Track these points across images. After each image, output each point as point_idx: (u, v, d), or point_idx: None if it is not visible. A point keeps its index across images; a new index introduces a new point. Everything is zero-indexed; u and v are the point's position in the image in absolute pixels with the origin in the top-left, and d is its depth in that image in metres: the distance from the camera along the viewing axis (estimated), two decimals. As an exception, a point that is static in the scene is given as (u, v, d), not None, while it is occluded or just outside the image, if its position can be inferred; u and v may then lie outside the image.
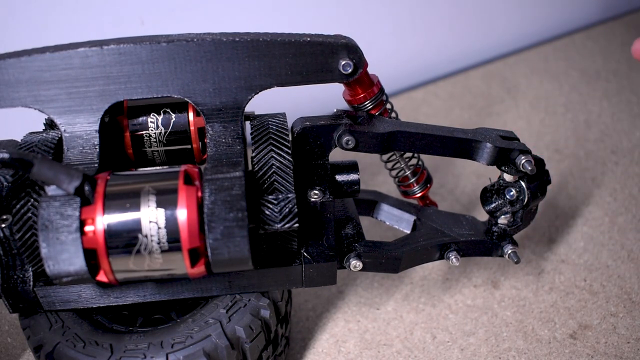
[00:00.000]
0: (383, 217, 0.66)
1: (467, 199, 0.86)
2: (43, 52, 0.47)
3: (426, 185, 0.65)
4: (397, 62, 1.17)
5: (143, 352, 0.49)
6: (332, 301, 0.71)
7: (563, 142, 0.97)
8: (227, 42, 0.49)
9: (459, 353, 0.65)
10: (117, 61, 0.48)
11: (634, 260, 0.75)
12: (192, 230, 0.43)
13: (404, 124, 0.56)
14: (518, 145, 0.56)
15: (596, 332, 0.66)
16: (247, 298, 0.54)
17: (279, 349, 0.58)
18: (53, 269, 0.42)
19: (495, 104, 1.08)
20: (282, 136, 0.51)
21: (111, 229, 0.43)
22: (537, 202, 0.60)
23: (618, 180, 0.88)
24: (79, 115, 0.49)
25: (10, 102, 0.48)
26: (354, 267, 0.56)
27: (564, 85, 1.13)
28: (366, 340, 0.66)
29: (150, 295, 0.53)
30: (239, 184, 0.44)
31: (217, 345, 0.50)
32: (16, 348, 0.66)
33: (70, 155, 0.49)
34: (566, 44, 1.27)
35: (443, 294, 0.72)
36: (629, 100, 1.07)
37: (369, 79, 0.56)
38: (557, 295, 0.71)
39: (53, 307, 0.52)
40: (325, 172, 0.53)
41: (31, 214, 0.47)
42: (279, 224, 0.48)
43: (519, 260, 0.60)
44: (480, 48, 1.26)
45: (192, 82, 0.50)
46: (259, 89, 0.51)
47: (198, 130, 0.54)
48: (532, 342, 0.66)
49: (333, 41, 0.50)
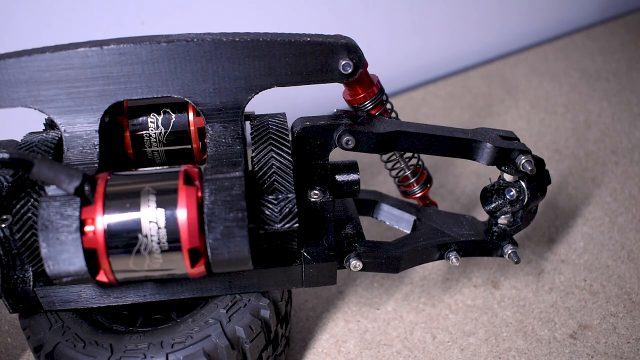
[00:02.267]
0: (383, 217, 0.66)
1: (467, 199, 0.86)
2: (43, 52, 0.47)
3: (426, 185, 0.65)
4: (398, 62, 1.17)
5: (143, 352, 0.49)
6: (332, 301, 0.71)
7: (563, 142, 0.97)
8: (227, 42, 0.49)
9: (459, 353, 0.65)
10: (117, 61, 0.48)
11: (634, 260, 0.75)
12: (192, 230, 0.43)
13: (404, 124, 0.56)
14: (518, 145, 0.56)
15: (596, 332, 0.66)
16: (247, 298, 0.54)
17: (279, 349, 0.58)
18: (53, 269, 0.42)
19: (495, 104, 1.08)
20: (282, 136, 0.51)
21: (111, 229, 0.43)
22: (537, 202, 0.60)
23: (618, 180, 0.88)
24: (79, 115, 0.49)
25: (10, 102, 0.48)
26: (354, 267, 0.56)
27: (564, 85, 1.13)
28: (366, 340, 0.66)
29: (150, 295, 0.53)
30: (239, 184, 0.44)
31: (217, 345, 0.50)
32: (16, 348, 0.66)
33: (70, 155, 0.49)
34: (566, 44, 1.27)
35: (443, 294, 0.72)
36: (629, 100, 1.07)
37: (369, 79, 0.56)
38: (557, 295, 0.71)
39: (53, 307, 0.52)
40: (325, 172, 0.53)
41: (31, 214, 0.47)
42: (279, 224, 0.48)
43: (519, 260, 0.60)
44: (480, 48, 1.26)
45: (192, 82, 0.50)
46: (259, 89, 0.51)
47: (198, 130, 0.54)
48: (532, 342, 0.66)
49: (333, 41, 0.50)
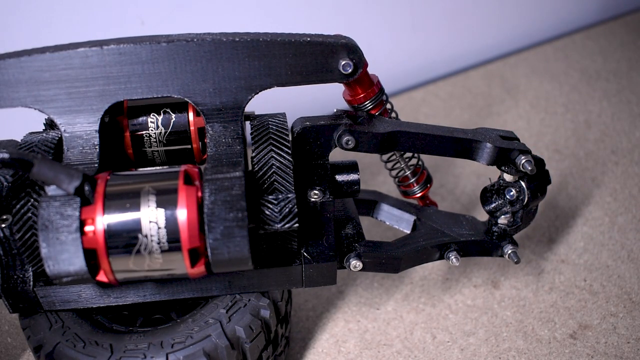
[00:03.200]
0: (383, 217, 0.66)
1: (467, 199, 0.86)
2: (43, 52, 0.47)
3: (426, 185, 0.65)
4: (397, 62, 1.17)
5: (143, 352, 0.49)
6: (332, 301, 0.71)
7: (563, 142, 0.97)
8: (227, 42, 0.49)
9: (459, 353, 0.65)
10: (117, 61, 0.48)
11: (634, 260, 0.75)
12: (192, 230, 0.43)
13: (404, 124, 0.56)
14: (518, 145, 0.56)
15: (596, 332, 0.66)
16: (247, 298, 0.54)
17: (279, 349, 0.58)
18: (53, 269, 0.42)
19: (495, 104, 1.08)
20: (282, 136, 0.51)
21: (111, 229, 0.43)
22: (537, 202, 0.60)
23: (618, 180, 0.88)
24: (79, 115, 0.49)
25: (10, 102, 0.48)
26: (354, 267, 0.56)
27: (564, 85, 1.13)
28: (366, 340, 0.66)
29: (150, 295, 0.53)
30: (239, 184, 0.44)
31: (217, 345, 0.50)
32: (16, 348, 0.66)
33: (70, 155, 0.49)
34: (566, 44, 1.27)
35: (443, 294, 0.72)
36: (629, 100, 1.07)
37: (369, 79, 0.56)
38: (557, 295, 0.71)
39: (53, 307, 0.52)
40: (325, 172, 0.53)
41: (31, 214, 0.47)
42: (279, 224, 0.48)
43: (519, 260, 0.60)
44: (480, 48, 1.26)
45: (192, 82, 0.50)
46: (259, 89, 0.51)
47: (198, 130, 0.54)
48: (532, 342, 0.66)
49: (333, 41, 0.50)
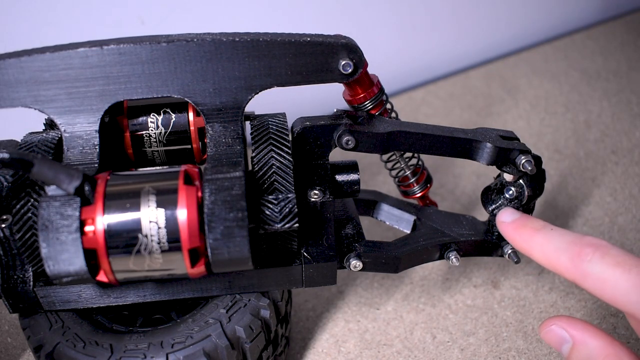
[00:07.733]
0: (383, 217, 0.66)
1: (467, 199, 0.86)
2: (43, 52, 0.47)
3: (426, 185, 0.65)
4: (397, 62, 1.17)
5: (143, 352, 0.49)
6: (332, 301, 0.71)
7: (563, 142, 0.97)
8: (227, 42, 0.49)
9: (459, 353, 0.65)
10: (117, 61, 0.48)
11: (634, 260, 0.75)
12: (192, 230, 0.43)
13: (404, 124, 0.56)
14: (518, 145, 0.56)
15: (596, 332, 0.66)
16: (247, 298, 0.54)
17: (279, 349, 0.58)
18: (53, 269, 0.42)
19: (495, 104, 1.08)
20: (282, 136, 0.51)
21: (111, 229, 0.43)
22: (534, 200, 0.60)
23: (618, 180, 0.88)
24: (79, 115, 0.49)
25: (10, 102, 0.48)
26: (354, 267, 0.56)
27: (564, 85, 1.13)
28: (366, 340, 0.66)
29: (150, 295, 0.53)
30: (239, 184, 0.44)
31: (217, 345, 0.50)
32: (16, 348, 0.66)
33: (70, 155, 0.49)
34: (566, 44, 1.27)
35: (443, 294, 0.72)
36: (629, 100, 1.07)
37: (369, 79, 0.56)
38: (557, 295, 0.71)
39: (53, 307, 0.52)
40: (325, 172, 0.53)
41: (31, 214, 0.47)
42: (279, 224, 0.48)
43: (519, 260, 0.60)
44: (480, 48, 1.26)
45: (192, 82, 0.50)
46: (259, 89, 0.51)
47: (198, 130, 0.54)
48: (532, 342, 0.66)
49: (333, 41, 0.50)
